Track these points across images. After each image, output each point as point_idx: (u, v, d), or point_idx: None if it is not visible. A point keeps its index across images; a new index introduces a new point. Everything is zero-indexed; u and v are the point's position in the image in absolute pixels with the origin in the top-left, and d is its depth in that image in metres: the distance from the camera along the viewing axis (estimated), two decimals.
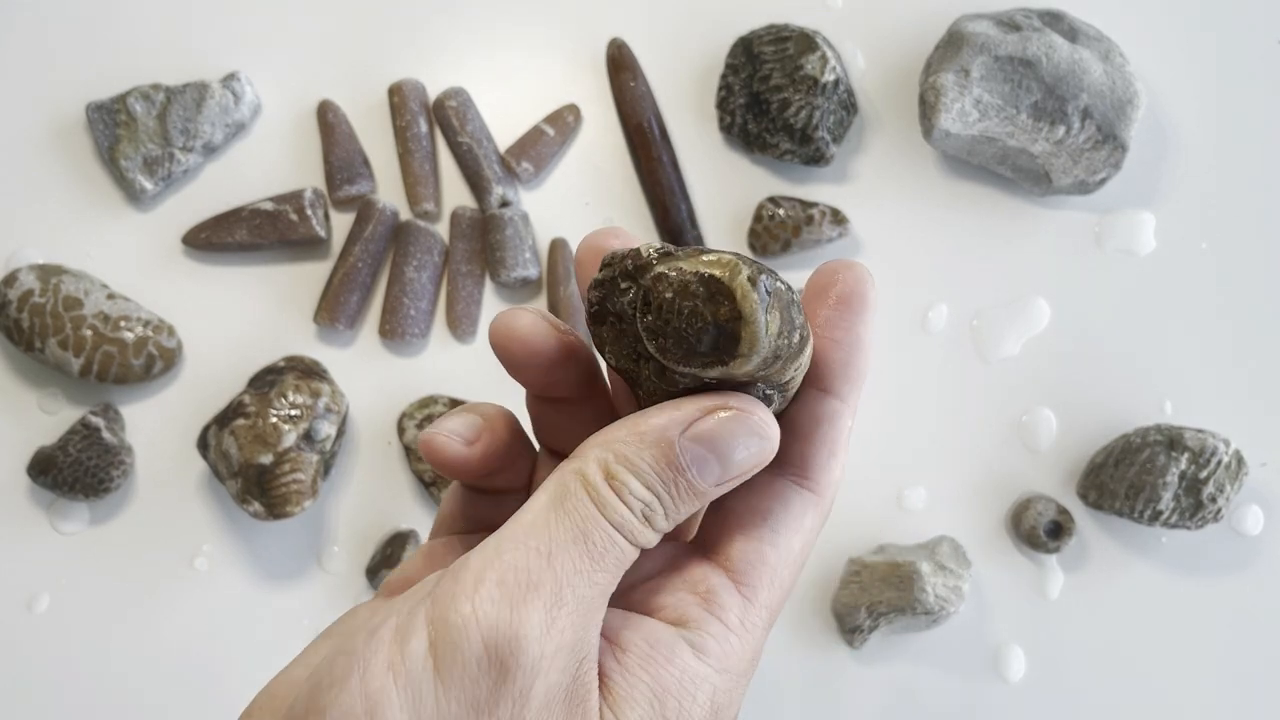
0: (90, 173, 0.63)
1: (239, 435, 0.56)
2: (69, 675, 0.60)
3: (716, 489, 0.27)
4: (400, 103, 0.63)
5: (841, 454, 0.29)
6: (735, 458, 0.27)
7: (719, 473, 0.27)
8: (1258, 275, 0.62)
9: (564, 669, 0.24)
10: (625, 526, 0.26)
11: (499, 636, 0.23)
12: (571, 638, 0.24)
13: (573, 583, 0.25)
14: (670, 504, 0.26)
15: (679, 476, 0.26)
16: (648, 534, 0.26)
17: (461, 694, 0.23)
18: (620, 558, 0.26)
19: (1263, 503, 0.61)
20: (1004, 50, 0.59)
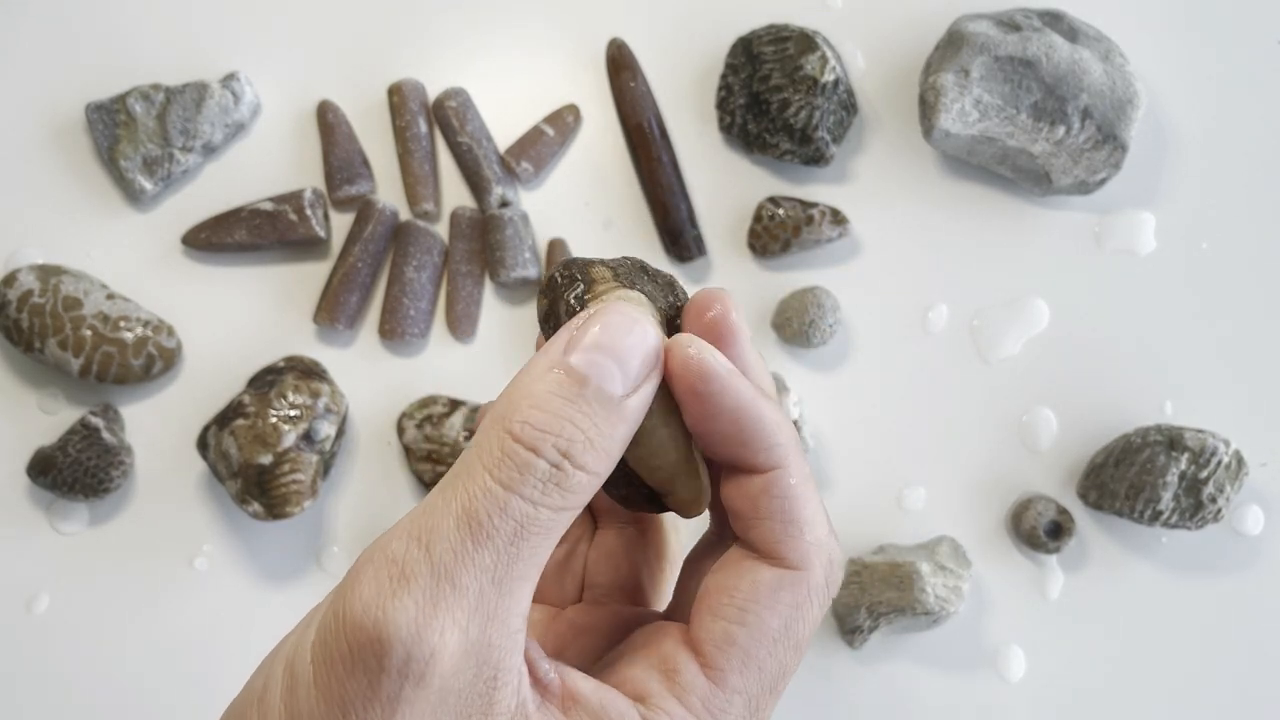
0: (90, 173, 0.63)
1: (239, 435, 0.56)
2: (69, 675, 0.60)
3: (629, 399, 0.24)
4: (400, 103, 0.63)
5: (806, 518, 0.26)
6: (618, 341, 0.24)
7: (613, 368, 0.24)
8: (1258, 275, 0.62)
9: (452, 674, 0.22)
10: (523, 485, 0.23)
11: (365, 638, 0.22)
12: (458, 639, 0.22)
13: (453, 573, 0.22)
14: (587, 424, 0.24)
15: (584, 385, 0.24)
16: (566, 480, 0.23)
17: (330, 692, 0.22)
18: (521, 532, 0.23)
19: (1263, 503, 0.61)
20: (1004, 50, 0.59)
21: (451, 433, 0.59)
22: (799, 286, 0.62)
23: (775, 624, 0.26)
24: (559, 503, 0.23)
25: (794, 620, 0.26)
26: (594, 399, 0.24)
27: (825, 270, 0.62)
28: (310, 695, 0.22)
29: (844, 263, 0.62)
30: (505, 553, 0.23)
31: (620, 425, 0.24)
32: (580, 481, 0.24)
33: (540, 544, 0.23)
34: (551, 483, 0.23)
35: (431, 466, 0.59)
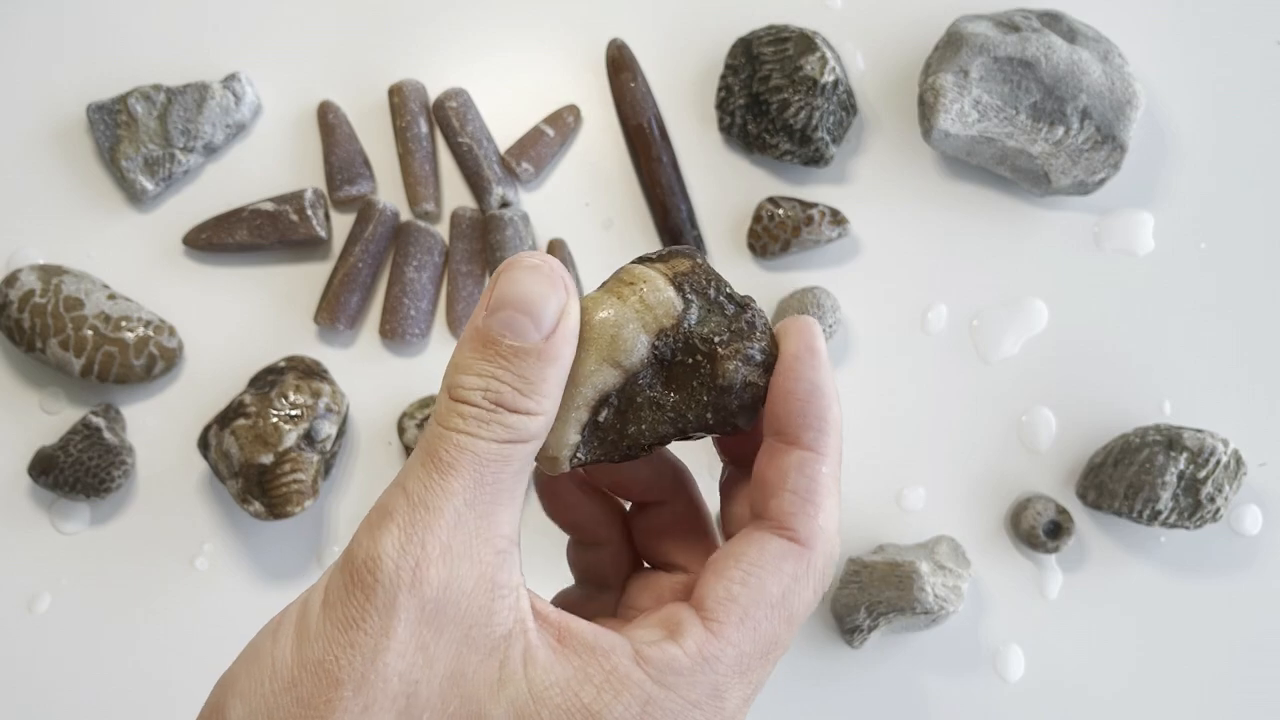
0: (91, 173, 0.63)
1: (240, 435, 0.56)
2: (70, 675, 0.60)
3: (546, 338, 0.27)
4: (400, 103, 0.63)
5: (823, 503, 0.29)
6: (522, 292, 0.27)
7: (524, 320, 0.27)
8: (1257, 275, 0.62)
9: (443, 583, 0.25)
10: (467, 425, 0.26)
11: (359, 563, 0.25)
12: (440, 551, 0.25)
13: (425, 499, 0.26)
14: (510, 375, 0.27)
15: (498, 345, 0.27)
16: (504, 419, 0.26)
17: (334, 615, 0.25)
18: (477, 461, 0.26)
19: (1261, 503, 0.61)
20: (1003, 51, 0.59)
21: None
22: (799, 287, 0.62)
23: (775, 589, 0.28)
24: (506, 435, 0.27)
25: (792, 592, 0.28)
26: (511, 353, 0.27)
27: (825, 270, 0.62)
28: (319, 620, 0.25)
29: (843, 263, 0.62)
30: (471, 479, 0.26)
31: (548, 366, 0.27)
32: (521, 420, 0.27)
33: (502, 471, 0.27)
34: (495, 423, 0.27)
35: None
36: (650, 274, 0.31)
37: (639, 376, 0.30)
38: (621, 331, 0.30)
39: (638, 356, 0.30)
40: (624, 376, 0.30)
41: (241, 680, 0.26)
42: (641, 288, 0.30)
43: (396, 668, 0.25)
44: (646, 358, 0.30)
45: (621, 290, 0.30)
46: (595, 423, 0.30)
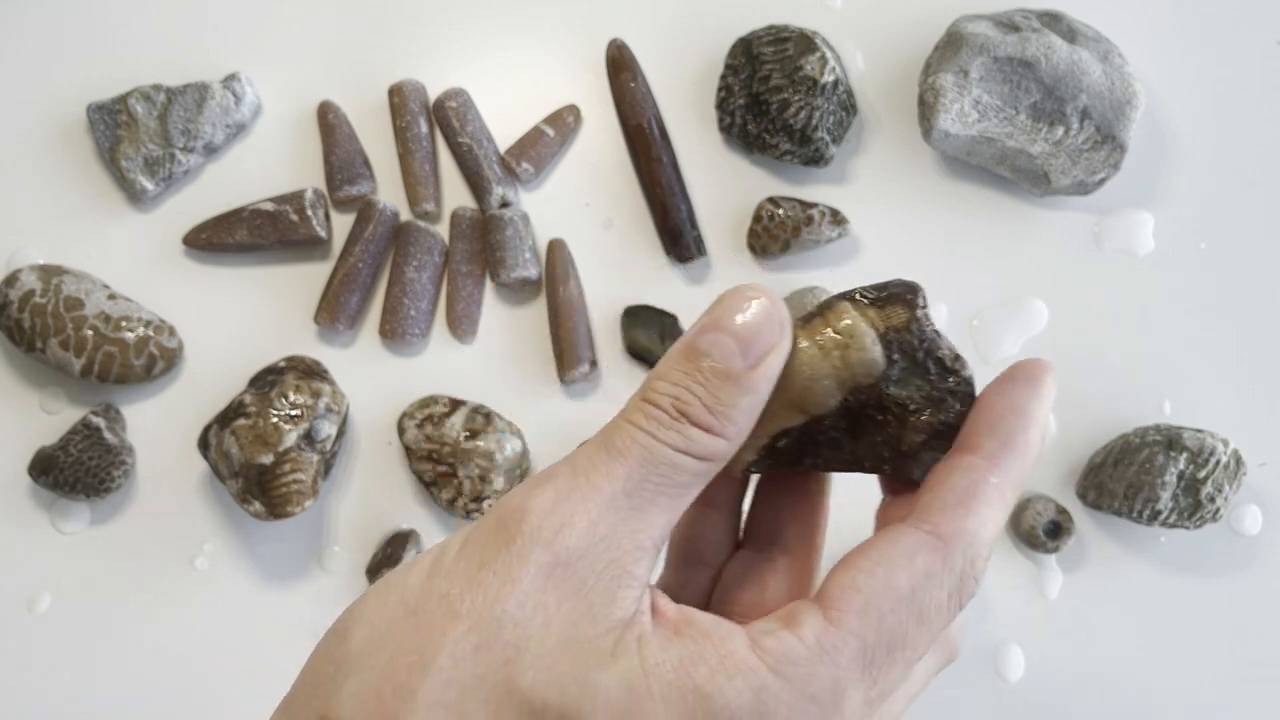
0: (91, 173, 0.63)
1: (240, 435, 0.56)
2: (70, 674, 0.60)
3: (749, 370, 0.28)
4: (400, 103, 0.63)
5: (979, 509, 0.27)
6: (740, 321, 0.27)
7: (732, 346, 0.27)
8: (1256, 275, 0.62)
9: (578, 554, 0.26)
10: (648, 424, 0.27)
11: (508, 511, 0.26)
12: (586, 525, 0.26)
13: (589, 473, 0.27)
14: (703, 392, 0.27)
15: (700, 362, 0.27)
16: (685, 429, 0.27)
17: (470, 553, 0.26)
18: (647, 457, 0.27)
19: (1261, 502, 0.61)
20: (1003, 51, 0.59)
21: (452, 433, 0.59)
22: (799, 287, 0.62)
23: (904, 583, 0.27)
24: (682, 445, 0.27)
25: (924, 588, 0.27)
26: (711, 372, 0.27)
27: (825, 270, 0.62)
28: (454, 557, 0.26)
29: (843, 263, 0.62)
30: (637, 471, 0.27)
31: (742, 395, 0.28)
32: (701, 437, 0.27)
33: (668, 478, 0.27)
34: (674, 429, 0.27)
35: (432, 466, 0.59)
36: (860, 329, 0.30)
37: (824, 419, 0.30)
38: (815, 385, 0.30)
39: (826, 408, 0.30)
40: (806, 420, 0.30)
41: (369, 605, 0.27)
42: (847, 344, 0.30)
43: (513, 616, 0.25)
44: (835, 409, 0.30)
45: (825, 342, 0.30)
46: (773, 448, 0.31)
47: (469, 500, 0.58)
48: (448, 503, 0.59)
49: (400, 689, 0.25)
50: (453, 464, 0.58)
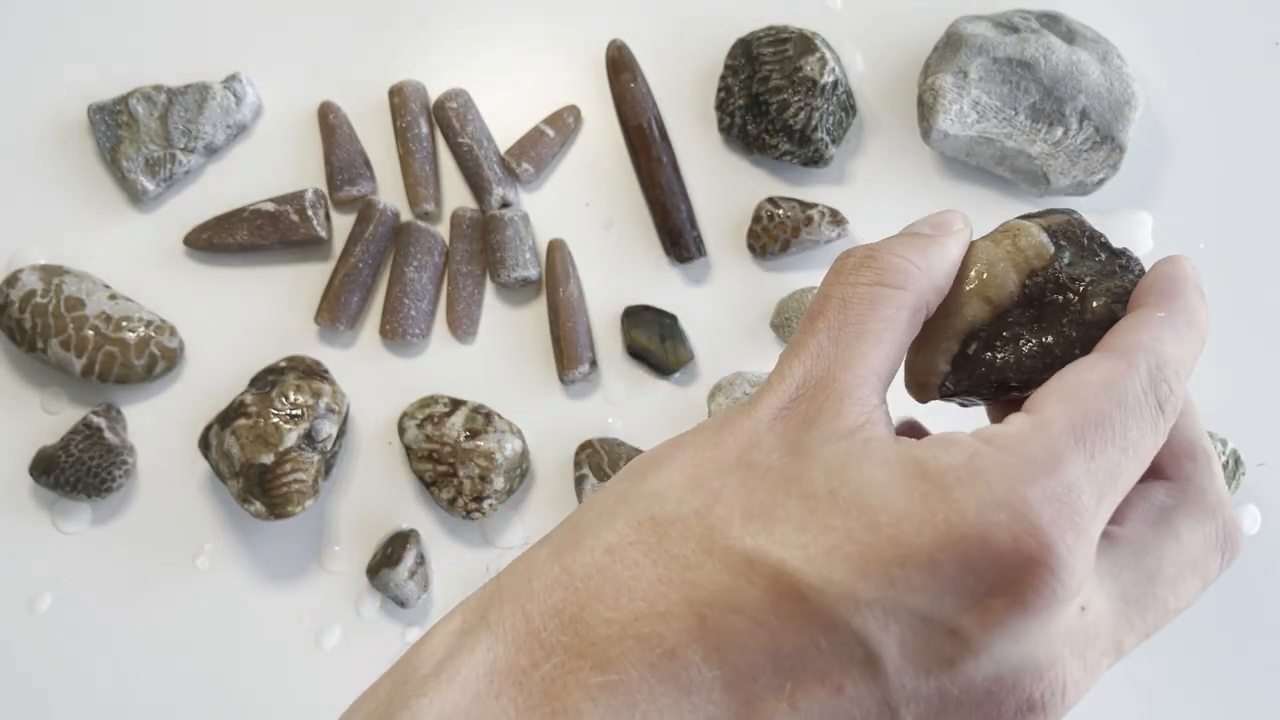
0: (92, 174, 0.63)
1: (240, 435, 0.56)
2: (71, 674, 0.60)
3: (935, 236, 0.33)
4: (401, 104, 0.63)
5: (1146, 328, 0.29)
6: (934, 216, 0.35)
7: (920, 223, 0.34)
8: (1255, 275, 0.62)
9: (789, 394, 0.30)
10: (839, 277, 0.31)
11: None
12: (799, 370, 0.30)
13: (796, 341, 0.31)
14: (894, 243, 0.32)
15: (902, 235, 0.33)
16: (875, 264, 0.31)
17: (725, 412, 0.31)
18: (841, 304, 0.30)
19: (1260, 502, 0.61)
20: (1002, 52, 0.59)
21: (452, 432, 0.59)
22: (798, 287, 0.62)
23: (1094, 378, 0.28)
24: (873, 278, 0.31)
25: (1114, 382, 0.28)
26: (899, 236, 0.32)
27: (824, 271, 0.62)
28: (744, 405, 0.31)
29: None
30: (834, 319, 0.30)
31: (930, 246, 0.32)
32: (892, 261, 0.31)
33: (868, 314, 0.30)
34: (862, 265, 0.31)
35: (432, 466, 0.59)
36: (1024, 224, 0.34)
37: (1008, 314, 0.33)
38: (992, 269, 0.33)
39: (1006, 293, 0.33)
40: (993, 312, 0.33)
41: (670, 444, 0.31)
42: (1016, 234, 0.34)
43: (745, 432, 0.29)
44: (1016, 295, 0.33)
45: (997, 237, 0.34)
46: (965, 354, 0.33)
47: (469, 500, 0.58)
48: (448, 502, 0.59)
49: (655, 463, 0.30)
50: (453, 464, 0.58)
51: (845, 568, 0.26)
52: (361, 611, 0.61)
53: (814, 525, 0.27)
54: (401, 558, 0.59)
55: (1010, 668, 0.26)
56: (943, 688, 0.26)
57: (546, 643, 0.28)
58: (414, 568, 0.59)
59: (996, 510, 0.26)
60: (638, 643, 0.27)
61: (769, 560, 0.27)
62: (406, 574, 0.59)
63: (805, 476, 0.28)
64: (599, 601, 0.28)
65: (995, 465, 0.26)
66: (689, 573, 0.27)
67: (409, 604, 0.60)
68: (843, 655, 0.26)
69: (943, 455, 0.27)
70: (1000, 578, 0.25)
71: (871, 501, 0.27)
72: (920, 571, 0.26)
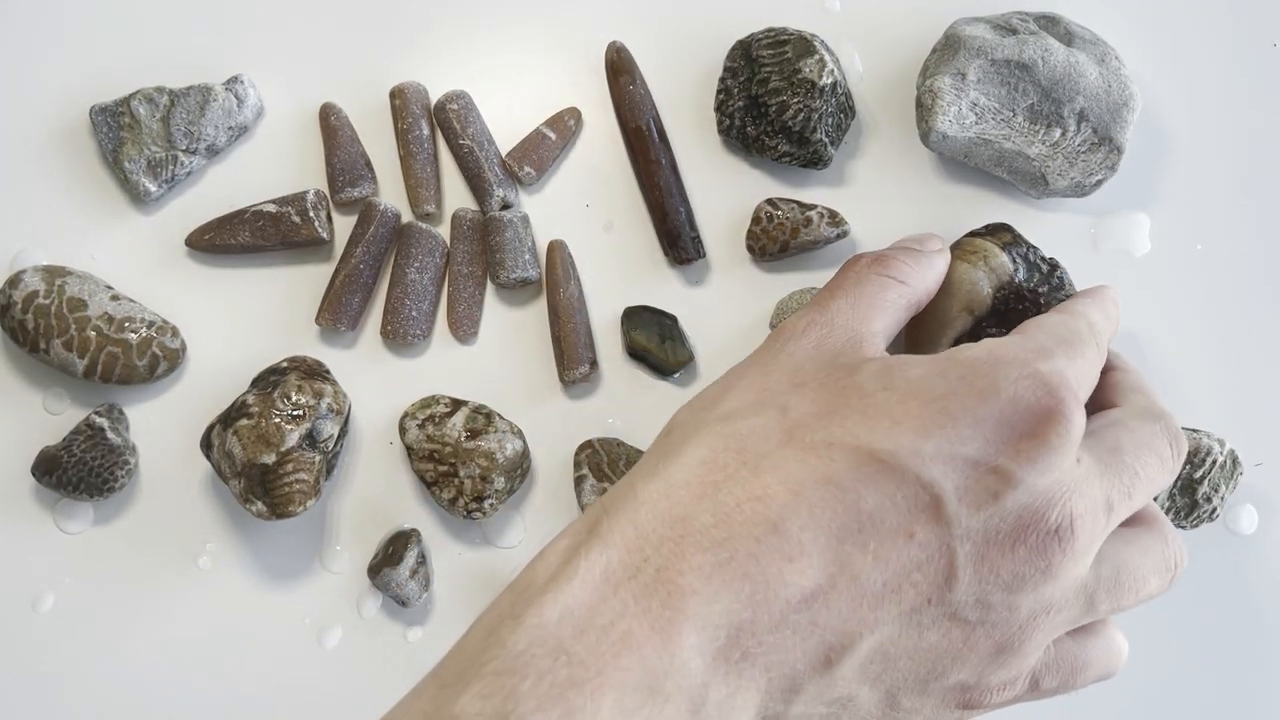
0: (94, 175, 0.64)
1: (242, 435, 0.57)
2: (73, 673, 0.61)
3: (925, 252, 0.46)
4: (402, 106, 0.63)
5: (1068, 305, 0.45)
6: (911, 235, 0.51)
7: (911, 241, 0.48)
8: (1253, 276, 0.63)
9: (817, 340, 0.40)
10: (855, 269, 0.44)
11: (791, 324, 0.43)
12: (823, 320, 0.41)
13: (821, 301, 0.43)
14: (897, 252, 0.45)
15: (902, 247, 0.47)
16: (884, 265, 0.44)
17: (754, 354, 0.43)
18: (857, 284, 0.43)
19: (1257, 502, 0.61)
20: (1000, 54, 0.59)
21: (453, 432, 0.59)
22: (798, 288, 0.62)
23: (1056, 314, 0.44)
24: (881, 270, 0.43)
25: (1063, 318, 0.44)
26: (901, 249, 0.45)
27: (823, 272, 0.63)
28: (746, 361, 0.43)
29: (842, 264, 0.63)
30: (851, 295, 0.42)
31: (923, 257, 0.44)
32: (897, 263, 0.43)
33: (877, 295, 0.42)
34: (874, 264, 0.44)
35: (433, 466, 0.59)
36: (989, 245, 0.47)
37: (983, 322, 0.44)
38: (976, 285, 0.44)
39: (983, 304, 0.44)
40: (974, 322, 0.44)
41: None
42: (986, 254, 0.46)
43: (788, 363, 0.39)
44: (989, 307, 0.44)
45: (972, 258, 0.46)
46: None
47: (470, 500, 0.59)
48: (449, 502, 0.59)
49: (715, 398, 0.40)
50: (454, 464, 0.59)
51: (910, 434, 0.33)
52: (363, 611, 0.61)
53: (876, 414, 0.34)
54: (403, 557, 0.59)
55: (1037, 497, 0.34)
56: (988, 522, 0.33)
57: (655, 539, 0.32)
58: (415, 567, 0.60)
59: (1023, 379, 0.35)
60: (742, 524, 0.32)
61: (848, 441, 0.33)
62: (408, 573, 0.59)
63: (856, 385, 0.35)
64: (701, 501, 0.32)
65: (1010, 351, 0.36)
66: (778, 462, 0.33)
67: (410, 603, 0.60)
68: (913, 505, 0.32)
69: (969, 350, 0.37)
70: (1028, 425, 0.34)
71: (919, 389, 0.34)
72: (969, 427, 0.33)
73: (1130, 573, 0.41)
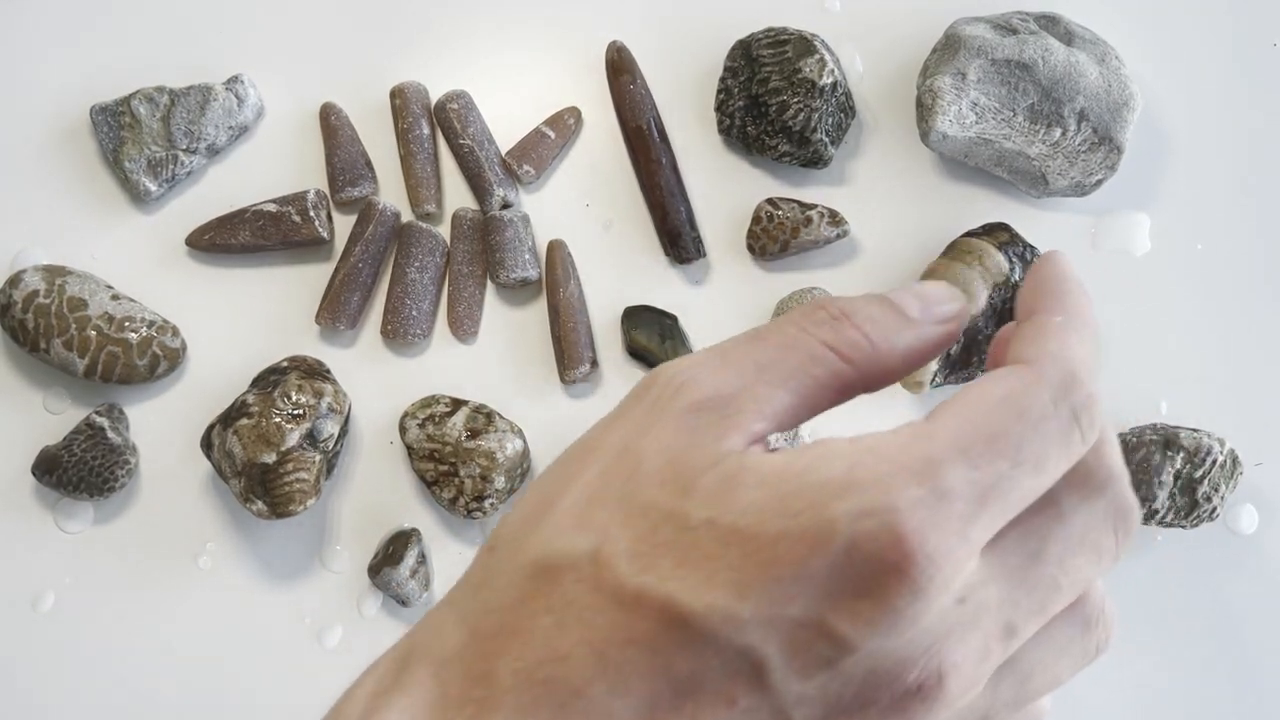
0: (94, 174, 0.64)
1: (242, 435, 0.57)
2: (73, 673, 0.61)
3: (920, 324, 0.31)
4: (402, 105, 0.63)
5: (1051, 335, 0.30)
6: (923, 286, 0.32)
7: (913, 298, 0.31)
8: (1253, 276, 0.63)
9: (696, 405, 0.30)
10: (801, 319, 0.31)
11: (648, 375, 0.32)
12: (710, 381, 0.30)
13: (726, 350, 0.31)
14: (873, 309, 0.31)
15: (883, 298, 0.32)
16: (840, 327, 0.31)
17: (617, 409, 0.31)
18: (787, 343, 0.30)
19: (1257, 502, 0.61)
20: (1000, 53, 0.59)
21: (453, 432, 0.59)
22: (797, 287, 0.62)
23: (997, 391, 0.28)
24: (830, 339, 0.30)
25: (1020, 392, 0.28)
26: (886, 303, 0.31)
27: (823, 271, 0.63)
28: (607, 416, 0.31)
29: (842, 264, 0.63)
30: (772, 353, 0.30)
31: (904, 331, 0.31)
32: (855, 336, 0.30)
33: (806, 366, 0.30)
34: (826, 324, 0.31)
35: (434, 465, 0.59)
36: (985, 245, 0.46)
37: (979, 320, 0.43)
38: (971, 287, 0.43)
39: (980, 307, 0.43)
40: (969, 321, 0.41)
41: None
42: (982, 254, 0.45)
43: (633, 445, 0.30)
44: (985, 307, 0.43)
45: (966, 258, 0.45)
46: (948, 355, 0.41)
47: (470, 499, 0.59)
48: (449, 502, 0.59)
49: (545, 504, 0.30)
50: (454, 463, 0.59)
51: (726, 592, 0.27)
52: (363, 610, 0.61)
53: (695, 556, 0.28)
54: (403, 557, 0.59)
55: (885, 661, 0.27)
56: (825, 687, 0.28)
57: (458, 700, 0.29)
58: (415, 567, 0.60)
59: (866, 518, 0.26)
60: (545, 688, 0.28)
61: (656, 595, 0.28)
62: (408, 573, 0.59)
63: (682, 513, 0.28)
64: (505, 655, 0.29)
65: (870, 475, 0.27)
66: (585, 614, 0.28)
67: (410, 603, 0.60)
68: (731, 670, 0.27)
69: (822, 468, 0.27)
70: (866, 582, 0.27)
71: (748, 525, 0.27)
72: (795, 583, 0.27)
73: (1038, 680, 0.33)
